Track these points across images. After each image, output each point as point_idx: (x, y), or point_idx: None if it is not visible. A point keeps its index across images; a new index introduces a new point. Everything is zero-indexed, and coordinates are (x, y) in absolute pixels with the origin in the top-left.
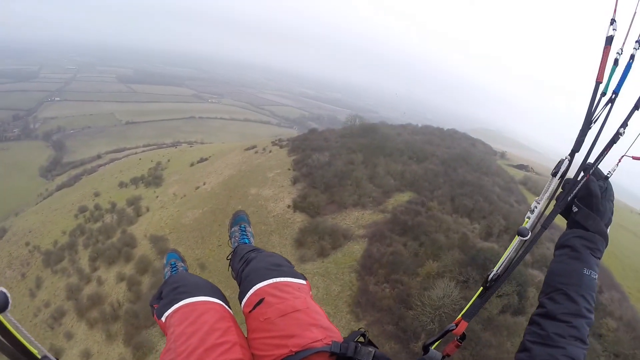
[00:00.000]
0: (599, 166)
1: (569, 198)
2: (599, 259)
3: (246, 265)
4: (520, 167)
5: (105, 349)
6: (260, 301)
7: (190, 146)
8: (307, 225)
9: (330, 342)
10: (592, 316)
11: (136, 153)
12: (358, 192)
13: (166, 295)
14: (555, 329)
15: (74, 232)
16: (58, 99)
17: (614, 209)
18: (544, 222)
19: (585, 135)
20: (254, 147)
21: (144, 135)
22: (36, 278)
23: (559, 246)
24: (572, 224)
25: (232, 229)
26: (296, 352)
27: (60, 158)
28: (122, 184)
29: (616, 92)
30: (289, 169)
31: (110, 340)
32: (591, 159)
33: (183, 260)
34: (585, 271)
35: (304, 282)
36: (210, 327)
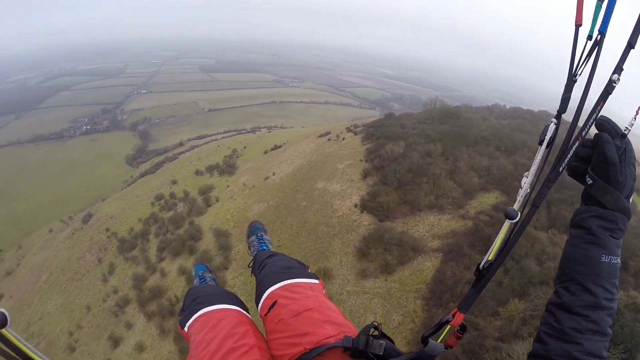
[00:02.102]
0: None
1: (560, 169)
2: (620, 239)
3: (261, 271)
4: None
5: (157, 344)
6: (274, 304)
7: (269, 131)
8: (373, 232)
9: (343, 337)
10: (614, 304)
11: (216, 140)
12: (435, 192)
13: (187, 306)
14: (571, 323)
15: (147, 220)
16: (144, 91)
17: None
18: (535, 201)
19: (571, 90)
20: (327, 133)
21: (226, 122)
22: (110, 264)
23: (574, 225)
24: (587, 198)
25: (250, 239)
26: (310, 349)
27: (145, 146)
28: (197, 172)
29: (602, 31)
30: (361, 160)
31: (163, 336)
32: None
33: (211, 271)
34: (604, 258)
35: (316, 281)
36: (227, 332)
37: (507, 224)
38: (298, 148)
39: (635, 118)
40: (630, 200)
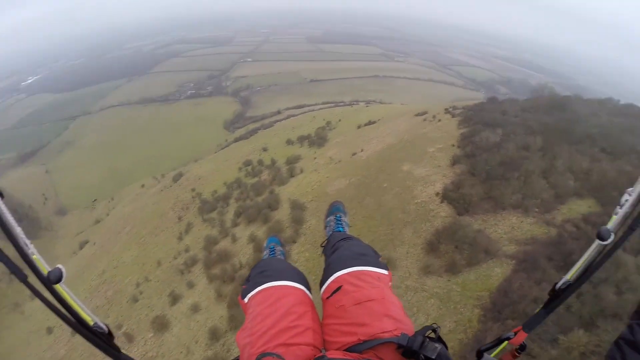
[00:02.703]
0: None
1: None
2: None
3: (333, 253)
4: None
5: (212, 307)
6: (338, 288)
7: (367, 106)
8: (448, 226)
9: (399, 334)
10: None
11: (313, 110)
12: (524, 190)
13: (252, 278)
14: None
15: (232, 184)
16: (250, 59)
17: None
18: (633, 224)
19: None
20: (424, 113)
21: (326, 93)
22: (188, 223)
23: None
24: None
25: (328, 218)
26: (364, 341)
27: (244, 112)
28: (289, 142)
29: None
30: (453, 145)
31: (219, 301)
32: None
33: (282, 245)
34: None
35: (385, 272)
36: (286, 310)
37: (596, 244)
38: (391, 126)
39: None
40: None
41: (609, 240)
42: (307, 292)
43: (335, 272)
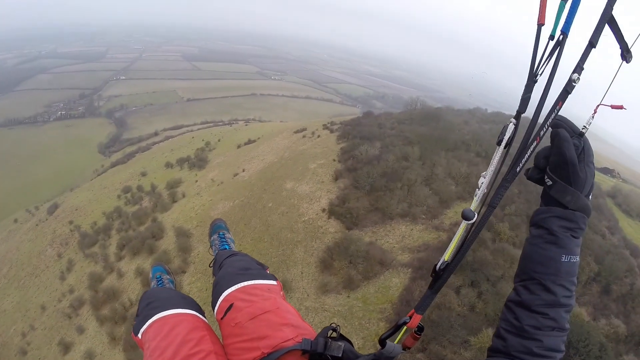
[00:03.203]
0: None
1: (518, 170)
2: (580, 238)
3: (218, 272)
4: (605, 171)
5: (107, 353)
6: (230, 307)
7: (246, 124)
8: (339, 242)
9: (301, 340)
10: (572, 301)
11: (192, 130)
12: (409, 199)
13: (141, 311)
14: (530, 320)
15: (111, 214)
16: (123, 77)
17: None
18: (492, 201)
19: (531, 90)
20: (303, 129)
21: (204, 112)
22: (69, 260)
23: (534, 224)
24: (547, 199)
25: (212, 237)
26: (268, 354)
27: (120, 135)
28: (168, 165)
29: (565, 32)
30: (334, 160)
31: (113, 344)
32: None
33: (169, 273)
34: (564, 258)
35: (274, 282)
36: (182, 338)
37: (463, 224)
38: (271, 144)
39: (593, 117)
40: (590, 198)
41: (474, 219)
42: (200, 316)
43: (223, 291)
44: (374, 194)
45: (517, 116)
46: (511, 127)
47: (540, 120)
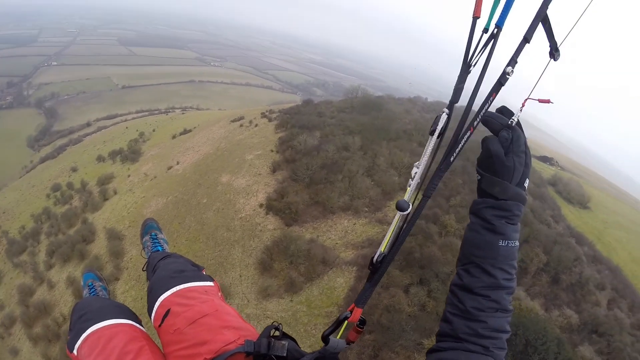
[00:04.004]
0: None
1: (452, 159)
2: (517, 224)
3: (152, 277)
4: (544, 159)
5: None
6: (167, 312)
7: (183, 113)
8: (278, 241)
9: (244, 342)
10: (513, 283)
11: (126, 120)
12: (351, 191)
13: (74, 325)
14: (473, 303)
15: (40, 216)
16: (55, 63)
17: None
18: (426, 191)
19: (464, 81)
20: (241, 118)
21: (140, 100)
22: None
23: (472, 213)
24: (481, 191)
25: (144, 239)
26: (211, 359)
27: (50, 126)
28: (100, 158)
29: (499, 25)
30: (272, 151)
31: None
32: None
33: (101, 279)
34: (501, 242)
35: (211, 283)
36: (120, 351)
37: (398, 215)
38: (207, 134)
39: (521, 110)
40: (526, 185)
41: (408, 210)
42: (137, 325)
43: (159, 297)
44: (313, 186)
45: (450, 106)
46: (444, 117)
47: (475, 109)
